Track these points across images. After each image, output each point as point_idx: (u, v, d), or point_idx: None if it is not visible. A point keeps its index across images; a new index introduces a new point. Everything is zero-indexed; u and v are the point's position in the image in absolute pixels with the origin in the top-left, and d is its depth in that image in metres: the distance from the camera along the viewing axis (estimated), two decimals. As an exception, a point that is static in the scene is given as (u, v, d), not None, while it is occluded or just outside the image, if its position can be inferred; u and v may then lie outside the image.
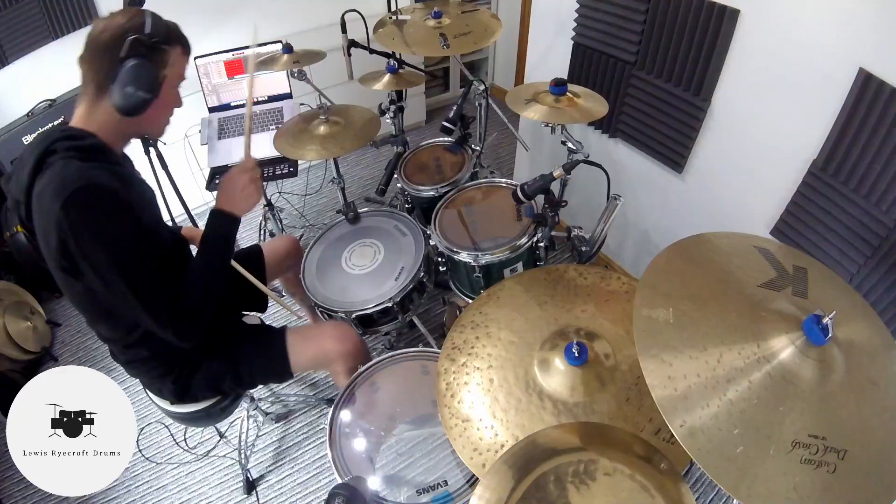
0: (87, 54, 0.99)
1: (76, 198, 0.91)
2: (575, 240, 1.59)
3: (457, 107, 1.67)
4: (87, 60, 0.99)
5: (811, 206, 1.44)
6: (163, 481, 1.83)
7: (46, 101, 2.24)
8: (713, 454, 0.74)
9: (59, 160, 0.95)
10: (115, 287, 0.98)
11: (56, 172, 0.94)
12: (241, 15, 2.67)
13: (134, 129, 1.10)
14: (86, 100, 1.01)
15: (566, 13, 1.97)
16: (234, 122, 2.26)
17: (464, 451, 0.99)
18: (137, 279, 0.99)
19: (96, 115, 1.02)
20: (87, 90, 1.01)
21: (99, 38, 0.97)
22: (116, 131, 1.05)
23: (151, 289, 1.01)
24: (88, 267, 0.95)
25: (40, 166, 0.96)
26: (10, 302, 2.13)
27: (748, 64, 1.49)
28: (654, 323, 0.86)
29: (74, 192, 0.91)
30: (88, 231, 0.93)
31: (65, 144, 0.97)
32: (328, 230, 1.80)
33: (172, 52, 1.04)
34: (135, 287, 0.99)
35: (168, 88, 1.06)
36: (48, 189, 0.93)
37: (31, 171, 0.96)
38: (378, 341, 2.14)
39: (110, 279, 0.97)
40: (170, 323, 1.04)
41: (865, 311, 0.96)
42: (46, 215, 0.93)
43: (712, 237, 1.04)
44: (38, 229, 0.98)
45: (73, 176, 0.93)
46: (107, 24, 0.97)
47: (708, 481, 1.69)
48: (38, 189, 0.96)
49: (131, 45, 0.95)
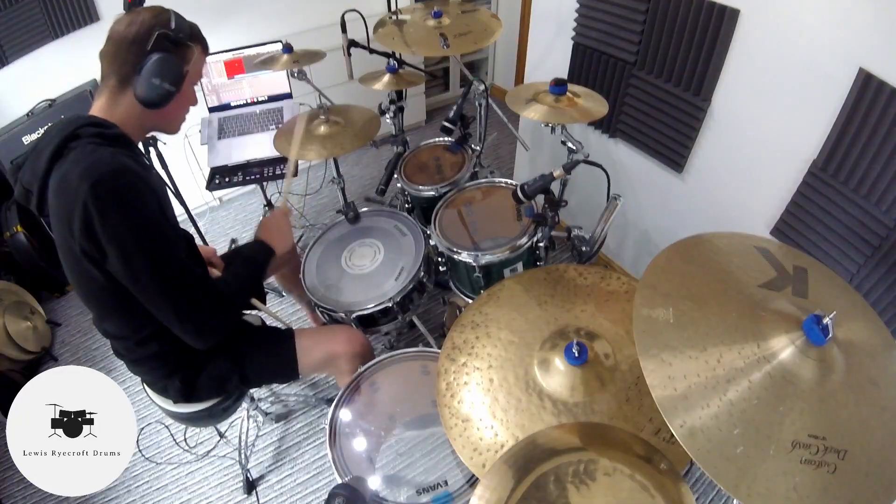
0: (111, 47, 1.00)
1: (107, 179, 0.91)
2: (575, 240, 1.60)
3: (457, 107, 1.67)
4: (112, 53, 1.00)
5: (811, 206, 1.44)
6: (163, 481, 1.83)
7: (46, 101, 2.24)
8: (713, 454, 0.73)
9: (86, 145, 0.95)
10: (139, 271, 0.96)
11: (84, 154, 0.94)
12: (240, 15, 2.67)
13: (152, 123, 1.11)
14: (107, 92, 1.03)
15: (566, 13, 1.97)
16: (234, 122, 2.27)
17: (464, 451, 0.99)
18: (162, 263, 0.98)
19: (118, 108, 1.03)
20: (109, 83, 1.02)
21: (125, 32, 0.99)
22: (137, 124, 1.06)
23: (177, 275, 1.01)
24: (114, 248, 0.93)
25: (61, 152, 0.96)
26: (10, 302, 2.13)
27: (748, 64, 1.49)
28: (654, 323, 0.86)
29: (105, 174, 0.91)
30: (117, 211, 0.92)
31: (90, 130, 0.98)
32: (328, 230, 1.79)
33: (195, 50, 1.08)
34: (160, 271, 0.98)
35: (188, 85, 1.08)
36: (74, 170, 0.92)
37: (51, 156, 0.96)
38: (378, 341, 2.14)
39: (135, 262, 0.95)
40: (192, 314, 1.03)
41: (865, 311, 0.96)
42: (71, 196, 0.91)
43: (712, 237, 1.04)
44: (58, 213, 0.96)
45: (104, 159, 0.93)
46: (132, 19, 1.00)
47: (708, 481, 1.69)
48: (59, 173, 0.95)
49: (158, 39, 0.98)
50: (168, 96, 1.01)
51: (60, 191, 0.94)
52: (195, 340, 1.07)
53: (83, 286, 1.06)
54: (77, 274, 1.02)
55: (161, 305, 1.01)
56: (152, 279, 0.98)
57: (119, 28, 1.00)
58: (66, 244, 0.97)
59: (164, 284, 0.99)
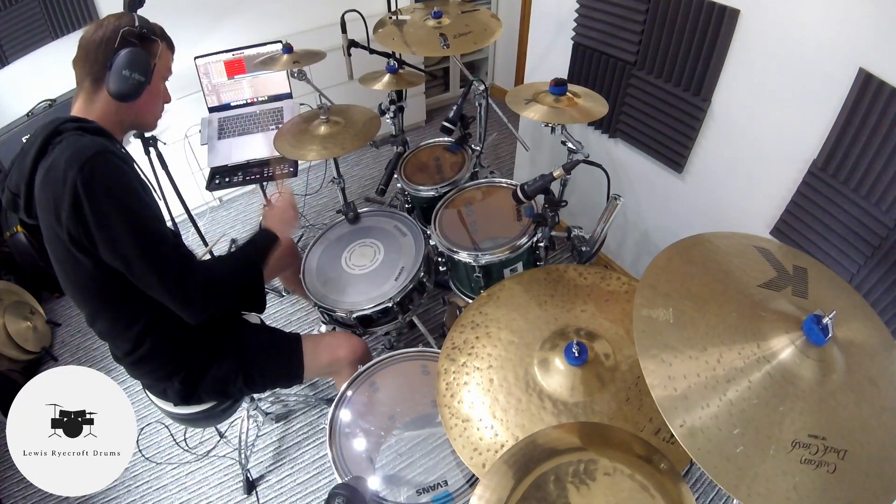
0: (82, 53, 1.06)
1: (92, 161, 0.95)
2: (575, 240, 1.60)
3: (457, 107, 1.67)
4: (83, 58, 1.06)
5: (811, 206, 1.44)
6: (163, 481, 1.83)
7: (46, 101, 2.24)
8: (713, 454, 0.73)
9: (69, 137, 0.99)
10: (128, 250, 0.99)
11: (69, 144, 0.98)
12: (241, 15, 2.67)
13: (130, 119, 1.14)
14: (83, 94, 1.08)
15: (566, 13, 1.97)
16: (234, 122, 2.26)
17: (464, 451, 0.99)
18: (149, 238, 1.01)
19: (95, 106, 1.08)
20: (84, 85, 1.07)
21: (93, 37, 1.05)
22: (115, 120, 1.10)
23: (163, 250, 1.03)
24: (102, 229, 0.96)
25: (45, 150, 1.00)
26: (10, 302, 2.13)
27: (748, 64, 1.49)
28: (654, 323, 0.86)
29: (91, 157, 0.95)
30: (104, 190, 0.96)
31: (71, 125, 1.02)
32: (328, 230, 1.80)
33: (160, 45, 1.12)
34: (148, 246, 1.00)
35: (158, 78, 1.12)
36: (61, 159, 0.96)
37: (36, 155, 1.00)
38: (378, 341, 2.14)
39: (124, 240, 0.98)
40: (179, 286, 1.05)
41: (865, 311, 0.96)
42: (59, 183, 0.95)
43: (712, 237, 1.04)
44: (47, 206, 0.98)
45: (88, 145, 0.98)
46: (99, 25, 1.06)
47: (708, 481, 1.69)
48: (45, 165, 0.98)
49: (124, 37, 1.04)
50: (139, 86, 1.05)
51: (47, 180, 0.98)
52: (184, 312, 1.09)
53: (72, 280, 1.07)
54: (66, 266, 1.04)
55: (150, 280, 1.03)
56: (142, 255, 1.00)
57: (87, 35, 1.06)
58: (55, 234, 1.00)
59: (151, 258, 1.01)
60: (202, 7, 2.57)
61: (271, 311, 2.35)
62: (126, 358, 1.21)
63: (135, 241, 0.99)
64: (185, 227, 2.49)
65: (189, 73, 2.20)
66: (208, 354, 1.29)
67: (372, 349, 2.09)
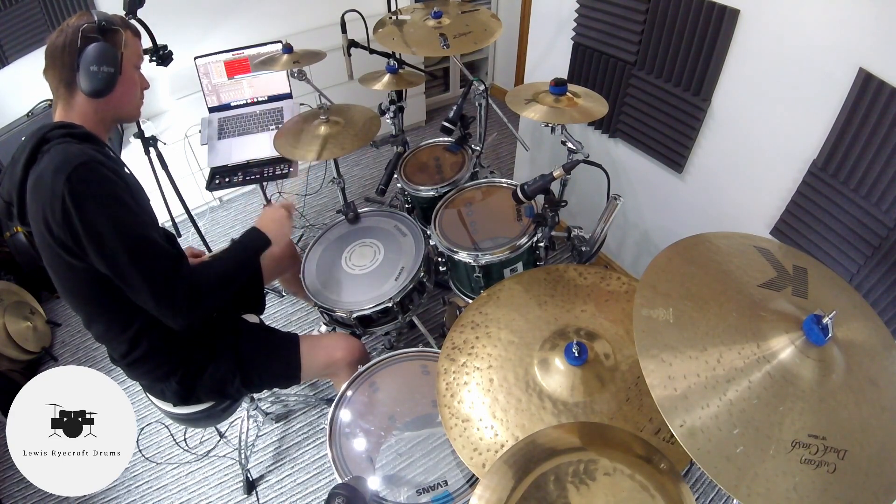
0: (49, 60, 1.05)
1: (80, 171, 0.96)
2: (575, 240, 1.60)
3: (457, 107, 1.67)
4: (51, 66, 1.05)
5: (811, 206, 1.44)
6: (163, 481, 1.83)
7: (46, 101, 2.24)
8: (713, 454, 0.74)
9: (57, 145, 0.99)
10: (117, 257, 0.98)
11: (57, 152, 0.98)
12: (241, 15, 2.67)
13: (111, 114, 1.13)
14: (60, 101, 1.08)
15: (566, 13, 1.97)
16: (234, 123, 2.26)
17: (464, 451, 0.99)
18: (138, 247, 1.01)
19: (74, 109, 1.07)
20: (59, 92, 1.07)
21: (56, 42, 1.04)
22: (96, 119, 1.10)
23: (152, 257, 1.03)
24: (91, 236, 0.96)
25: (34, 158, 1.00)
26: (10, 302, 2.13)
27: (748, 64, 1.48)
28: (654, 323, 0.86)
29: (78, 166, 0.96)
30: (92, 199, 0.96)
31: (59, 132, 1.02)
32: (328, 230, 1.80)
33: (123, 33, 1.10)
34: (135, 254, 1.00)
35: (129, 66, 1.11)
36: (49, 168, 0.96)
37: (26, 163, 1.00)
38: (378, 341, 2.14)
39: (112, 248, 0.98)
40: (167, 293, 1.04)
41: (865, 311, 0.96)
42: (47, 192, 0.95)
43: (712, 237, 1.04)
44: (37, 214, 0.98)
45: (75, 153, 0.98)
46: (60, 31, 1.06)
47: (708, 481, 1.69)
48: (35, 174, 0.99)
49: (84, 34, 1.03)
50: (110, 78, 1.04)
51: (37, 190, 0.98)
52: (172, 320, 1.08)
53: (66, 285, 1.07)
54: (60, 273, 1.05)
55: (138, 287, 1.02)
56: (129, 263, 0.99)
57: (51, 43, 1.05)
58: (46, 242, 1.00)
59: (138, 267, 1.00)
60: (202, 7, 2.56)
61: (271, 311, 2.35)
62: (123, 360, 1.22)
63: (122, 249, 0.98)
64: (185, 227, 2.50)
65: (189, 73, 2.20)
66: (205, 355, 1.29)
67: (372, 349, 2.10)
